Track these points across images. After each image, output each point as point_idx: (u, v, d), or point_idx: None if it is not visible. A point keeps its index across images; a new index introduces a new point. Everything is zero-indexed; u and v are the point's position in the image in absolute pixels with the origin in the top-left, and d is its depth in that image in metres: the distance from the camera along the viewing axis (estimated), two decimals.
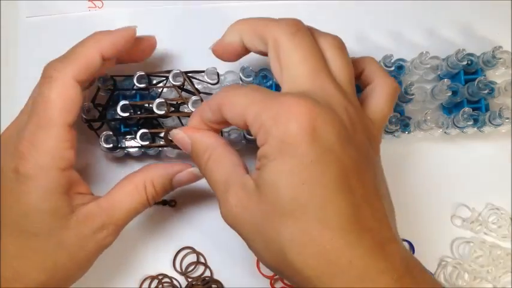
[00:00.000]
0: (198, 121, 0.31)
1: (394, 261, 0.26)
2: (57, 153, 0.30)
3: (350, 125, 0.27)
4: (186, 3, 0.42)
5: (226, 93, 0.29)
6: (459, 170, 0.40)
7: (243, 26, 0.31)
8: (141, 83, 0.36)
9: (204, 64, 0.37)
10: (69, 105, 0.31)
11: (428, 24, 0.42)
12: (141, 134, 0.35)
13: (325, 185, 0.25)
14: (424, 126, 0.37)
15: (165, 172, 0.34)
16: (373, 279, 0.25)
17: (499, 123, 0.37)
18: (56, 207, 0.30)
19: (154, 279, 0.39)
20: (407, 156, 0.41)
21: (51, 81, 0.31)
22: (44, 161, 0.30)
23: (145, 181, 0.33)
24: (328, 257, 0.25)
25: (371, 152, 0.29)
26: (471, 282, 0.39)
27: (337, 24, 0.42)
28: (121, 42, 0.33)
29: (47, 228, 0.30)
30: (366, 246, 0.25)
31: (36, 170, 0.30)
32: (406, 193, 0.40)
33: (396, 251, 0.27)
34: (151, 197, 0.33)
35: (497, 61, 0.38)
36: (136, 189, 0.33)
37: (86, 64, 0.32)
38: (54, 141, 0.30)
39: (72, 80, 0.31)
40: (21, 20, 0.41)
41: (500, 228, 0.40)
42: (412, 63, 0.38)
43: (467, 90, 0.38)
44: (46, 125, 0.30)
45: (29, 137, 0.30)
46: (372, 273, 0.25)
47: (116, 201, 0.32)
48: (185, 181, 0.34)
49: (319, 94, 0.27)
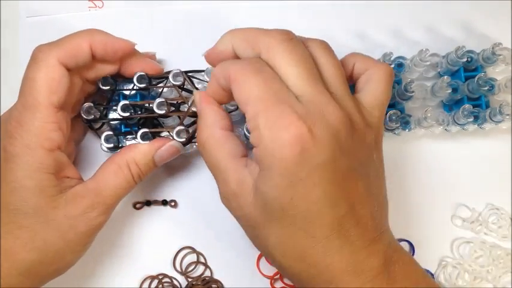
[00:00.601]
0: (214, 85, 0.31)
1: (372, 263, 0.28)
2: (43, 134, 0.31)
3: (345, 131, 0.28)
4: (185, 3, 0.42)
5: (241, 70, 0.29)
6: (460, 167, 0.40)
7: (235, 35, 0.31)
8: (141, 83, 0.36)
9: (204, 64, 0.37)
10: (54, 86, 0.31)
11: (428, 21, 0.42)
12: (142, 133, 0.35)
13: (313, 201, 0.27)
14: (424, 123, 0.37)
15: (147, 149, 0.34)
16: (348, 280, 0.28)
17: (500, 119, 0.37)
18: (42, 186, 0.31)
19: (154, 279, 0.38)
20: (407, 154, 0.41)
21: (36, 63, 0.31)
22: (30, 140, 0.31)
23: (127, 160, 0.33)
24: (309, 261, 0.28)
25: (368, 151, 0.30)
26: (471, 282, 0.39)
27: (337, 23, 0.42)
28: (113, 46, 0.34)
29: (33, 205, 0.31)
30: (345, 253, 0.28)
31: (22, 148, 0.31)
32: (406, 192, 0.40)
33: (377, 251, 0.28)
34: (137, 175, 0.34)
35: (497, 58, 0.38)
36: (120, 168, 0.33)
37: (72, 50, 0.32)
38: (40, 121, 0.31)
39: (57, 62, 0.32)
40: (21, 20, 0.41)
41: (500, 228, 0.40)
42: (412, 61, 0.38)
43: (467, 87, 0.38)
44: (31, 106, 0.31)
45: (17, 117, 0.31)
46: (346, 275, 0.28)
47: (102, 181, 0.33)
48: (167, 155, 0.35)
49: (314, 102, 0.28)
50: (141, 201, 0.39)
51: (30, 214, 0.31)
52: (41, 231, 0.31)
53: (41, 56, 0.32)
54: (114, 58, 0.35)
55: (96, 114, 0.36)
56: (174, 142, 0.35)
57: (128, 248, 0.39)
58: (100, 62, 0.35)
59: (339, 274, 0.28)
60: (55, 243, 0.31)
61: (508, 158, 0.41)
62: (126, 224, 0.39)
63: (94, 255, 0.38)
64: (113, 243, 0.39)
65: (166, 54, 0.41)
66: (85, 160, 0.39)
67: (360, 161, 0.29)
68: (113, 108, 0.37)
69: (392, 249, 0.29)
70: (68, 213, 0.32)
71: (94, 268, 0.38)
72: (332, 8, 0.42)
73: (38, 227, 0.31)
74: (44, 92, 0.31)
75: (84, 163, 0.39)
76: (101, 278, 0.38)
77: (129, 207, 0.39)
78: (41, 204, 0.31)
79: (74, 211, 0.32)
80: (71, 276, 0.38)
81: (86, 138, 0.40)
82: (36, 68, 0.31)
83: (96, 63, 0.35)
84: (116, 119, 0.36)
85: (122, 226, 0.39)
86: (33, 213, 0.31)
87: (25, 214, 0.31)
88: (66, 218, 0.31)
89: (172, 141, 0.35)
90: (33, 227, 0.31)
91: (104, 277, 0.39)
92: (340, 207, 0.27)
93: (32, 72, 0.31)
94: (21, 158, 0.31)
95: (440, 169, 0.40)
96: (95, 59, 0.34)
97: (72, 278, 0.38)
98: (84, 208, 0.32)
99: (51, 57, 0.31)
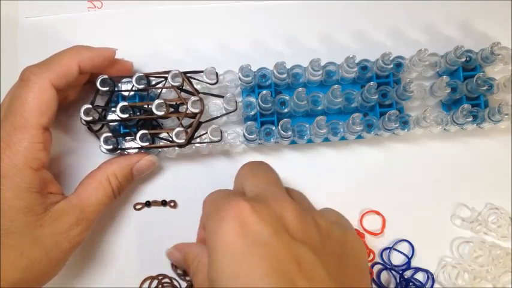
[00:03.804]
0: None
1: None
2: (31, 154, 0.32)
3: (297, 222, 0.28)
4: (185, 3, 0.42)
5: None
6: (459, 167, 0.40)
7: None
8: (140, 84, 0.36)
9: (203, 64, 0.38)
10: (45, 108, 0.32)
11: (427, 21, 0.42)
12: (141, 135, 0.35)
13: (259, 277, 0.26)
14: (423, 123, 0.37)
15: (125, 164, 0.36)
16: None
17: (498, 119, 0.37)
18: (29, 205, 0.31)
19: (154, 280, 0.39)
20: (407, 153, 0.40)
21: (28, 84, 0.32)
22: (19, 161, 0.31)
23: (108, 175, 0.35)
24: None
25: (328, 242, 0.29)
26: (471, 282, 0.39)
27: (336, 23, 0.42)
28: (99, 59, 0.35)
29: (21, 225, 0.31)
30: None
31: (10, 169, 0.31)
32: (405, 192, 0.40)
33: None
34: (117, 188, 0.36)
35: (495, 57, 0.38)
36: (101, 184, 0.35)
37: (63, 72, 0.33)
38: (28, 142, 0.32)
39: (49, 85, 0.32)
40: (21, 20, 0.42)
41: (500, 228, 0.40)
42: (411, 61, 0.38)
43: (466, 86, 0.38)
44: (21, 126, 0.32)
45: (5, 137, 0.32)
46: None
47: (85, 198, 0.34)
48: (145, 168, 0.37)
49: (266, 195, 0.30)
50: (141, 202, 0.39)
51: (17, 233, 0.31)
52: (27, 250, 0.31)
53: (33, 78, 0.32)
54: (100, 69, 0.36)
55: (95, 116, 0.36)
56: (150, 157, 0.37)
57: (128, 248, 0.39)
58: (82, 73, 0.35)
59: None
60: (40, 261, 0.32)
61: (507, 157, 0.40)
62: (126, 224, 0.39)
63: (94, 256, 0.39)
64: (113, 243, 0.39)
65: (165, 54, 0.41)
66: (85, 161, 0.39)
67: (316, 250, 0.28)
68: (112, 109, 0.37)
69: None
70: (53, 231, 0.32)
71: (94, 268, 0.39)
72: (331, 8, 0.42)
73: (24, 245, 0.31)
74: (35, 114, 0.32)
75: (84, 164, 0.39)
76: (101, 278, 0.38)
77: (129, 207, 0.39)
78: (29, 223, 0.31)
79: (59, 228, 0.32)
80: (71, 276, 0.38)
81: (85, 139, 0.40)
82: (28, 90, 0.32)
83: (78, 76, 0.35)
84: (114, 121, 0.36)
85: (122, 226, 0.39)
86: (21, 233, 0.31)
87: (13, 233, 0.31)
88: (51, 236, 0.32)
89: (149, 156, 0.37)
90: (20, 246, 0.31)
91: (104, 277, 0.39)
92: (294, 283, 0.26)
93: (24, 93, 0.32)
94: (9, 178, 0.31)
95: (440, 169, 0.40)
96: (80, 74, 0.35)
97: (72, 278, 0.38)
98: (69, 225, 0.33)
99: (44, 80, 0.32)
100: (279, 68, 0.37)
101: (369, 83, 0.37)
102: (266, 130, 0.37)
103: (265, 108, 0.37)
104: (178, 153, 0.39)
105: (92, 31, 0.41)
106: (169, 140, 0.36)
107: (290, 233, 0.28)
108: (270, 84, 0.38)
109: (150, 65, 0.40)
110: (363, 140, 0.40)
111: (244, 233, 0.27)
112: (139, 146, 0.36)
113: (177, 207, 0.40)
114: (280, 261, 0.26)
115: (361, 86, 0.39)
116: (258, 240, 0.27)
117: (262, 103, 0.37)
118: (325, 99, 0.37)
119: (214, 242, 0.28)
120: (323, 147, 0.40)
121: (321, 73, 0.37)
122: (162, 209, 0.40)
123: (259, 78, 0.38)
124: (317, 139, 0.38)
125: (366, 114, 0.39)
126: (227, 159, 0.40)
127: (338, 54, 0.39)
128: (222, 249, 0.27)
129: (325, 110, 0.39)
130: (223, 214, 0.28)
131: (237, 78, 0.38)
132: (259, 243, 0.27)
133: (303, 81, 0.39)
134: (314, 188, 0.39)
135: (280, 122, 0.36)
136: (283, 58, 0.37)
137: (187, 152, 0.39)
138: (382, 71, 0.38)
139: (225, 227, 0.27)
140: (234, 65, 0.38)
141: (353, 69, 0.37)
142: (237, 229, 0.27)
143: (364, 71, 0.38)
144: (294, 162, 0.40)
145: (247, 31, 0.42)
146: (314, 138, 0.38)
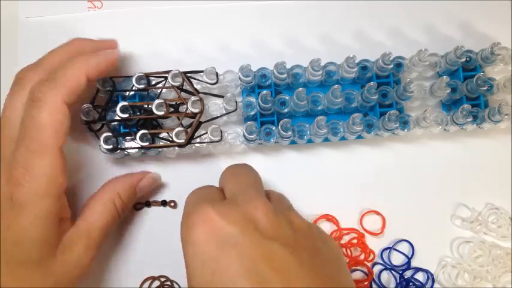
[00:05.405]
0: None
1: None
2: (52, 180, 0.30)
3: (267, 220, 0.28)
4: (185, 3, 0.42)
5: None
6: (459, 167, 0.40)
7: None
8: (140, 83, 0.36)
9: (203, 64, 0.38)
10: (60, 128, 0.31)
11: (427, 21, 0.42)
12: (141, 135, 0.35)
13: (231, 280, 0.26)
14: (423, 123, 0.37)
15: (128, 184, 0.36)
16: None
17: (498, 119, 0.37)
18: (45, 236, 0.31)
19: (155, 280, 0.39)
20: (406, 153, 0.40)
21: (40, 105, 0.30)
22: (39, 188, 0.30)
23: (113, 198, 0.35)
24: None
25: (301, 237, 0.29)
26: (471, 282, 0.39)
27: (336, 23, 0.42)
28: (105, 64, 0.34)
29: (36, 257, 0.30)
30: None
31: (30, 196, 0.30)
32: (405, 192, 0.40)
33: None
34: (121, 208, 0.36)
35: (495, 57, 0.38)
36: (106, 207, 0.34)
37: (74, 87, 0.32)
38: (49, 167, 0.30)
39: (62, 104, 0.31)
40: (21, 20, 0.42)
41: (500, 228, 0.40)
42: (411, 61, 0.38)
43: (466, 87, 0.38)
44: (39, 150, 0.30)
45: (23, 162, 0.30)
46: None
47: (91, 223, 0.33)
48: (148, 186, 0.38)
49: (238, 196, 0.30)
50: (141, 201, 0.39)
51: (31, 265, 0.30)
52: (38, 282, 0.30)
53: (46, 98, 0.30)
54: (102, 75, 0.35)
55: (95, 116, 0.36)
56: (152, 174, 0.38)
57: (128, 248, 0.39)
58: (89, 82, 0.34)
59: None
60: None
61: (507, 157, 0.41)
62: (126, 224, 0.39)
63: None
64: (113, 243, 0.39)
65: (165, 54, 0.41)
66: (85, 161, 0.39)
67: (288, 244, 0.27)
68: (112, 109, 0.37)
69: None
70: (64, 261, 0.31)
71: (94, 268, 0.38)
72: (331, 8, 0.42)
73: (36, 277, 0.30)
74: (51, 136, 0.30)
75: (84, 164, 0.39)
76: (101, 278, 0.39)
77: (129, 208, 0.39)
78: (43, 255, 0.30)
79: (69, 258, 0.32)
80: None
81: (85, 139, 0.40)
82: (41, 111, 0.30)
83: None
84: (114, 120, 0.36)
85: (122, 226, 0.39)
86: (35, 264, 0.30)
87: (27, 266, 0.30)
88: (61, 265, 0.31)
89: (151, 174, 0.38)
90: (33, 279, 0.30)
91: (104, 277, 0.39)
92: (267, 281, 0.26)
93: (37, 115, 0.30)
94: (28, 207, 0.30)
95: (439, 169, 0.40)
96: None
97: None
98: (78, 254, 0.32)
99: (57, 99, 0.31)
100: (279, 68, 0.37)
101: (369, 83, 0.36)
102: (266, 130, 0.37)
103: (265, 108, 0.37)
104: (178, 153, 0.39)
105: (92, 31, 0.41)
106: (169, 140, 0.36)
107: (260, 231, 0.27)
108: (270, 84, 0.38)
109: (150, 65, 0.40)
110: (363, 140, 0.40)
111: (213, 237, 0.27)
112: (139, 145, 0.36)
113: (177, 207, 0.40)
114: (251, 261, 0.26)
115: (361, 86, 0.39)
116: (228, 243, 0.26)
117: (262, 103, 0.37)
118: (325, 99, 0.37)
119: (186, 251, 0.28)
120: (323, 147, 0.40)
121: (321, 73, 0.37)
122: (162, 209, 0.40)
123: (259, 78, 0.38)
124: (317, 139, 0.38)
125: (366, 114, 0.39)
126: (227, 159, 0.40)
127: (338, 54, 0.39)
128: (194, 257, 0.27)
129: (325, 110, 0.39)
130: (191, 221, 0.28)
131: (237, 78, 0.38)
132: (229, 245, 0.26)
133: (303, 81, 0.39)
134: (314, 188, 0.39)
135: (280, 122, 0.36)
136: (283, 58, 0.37)
137: (187, 152, 0.39)
138: (382, 71, 0.38)
139: (194, 234, 0.27)
140: (234, 65, 0.38)
141: (353, 69, 0.37)
142: (204, 236, 0.27)
143: (364, 71, 0.38)
144: (294, 162, 0.40)
145: (247, 31, 0.42)
146: (314, 138, 0.38)
